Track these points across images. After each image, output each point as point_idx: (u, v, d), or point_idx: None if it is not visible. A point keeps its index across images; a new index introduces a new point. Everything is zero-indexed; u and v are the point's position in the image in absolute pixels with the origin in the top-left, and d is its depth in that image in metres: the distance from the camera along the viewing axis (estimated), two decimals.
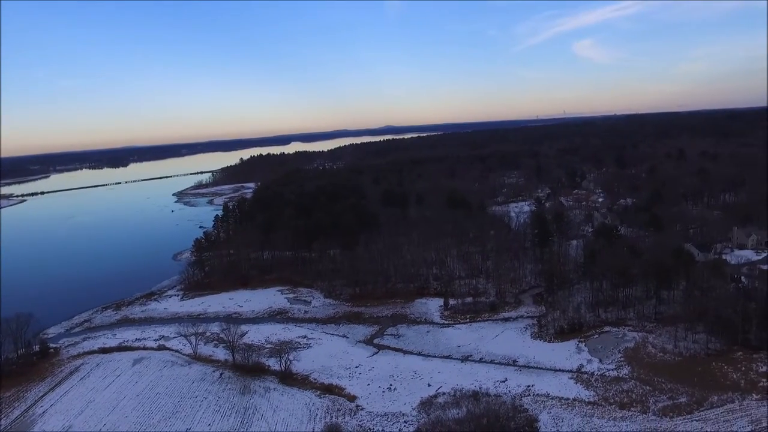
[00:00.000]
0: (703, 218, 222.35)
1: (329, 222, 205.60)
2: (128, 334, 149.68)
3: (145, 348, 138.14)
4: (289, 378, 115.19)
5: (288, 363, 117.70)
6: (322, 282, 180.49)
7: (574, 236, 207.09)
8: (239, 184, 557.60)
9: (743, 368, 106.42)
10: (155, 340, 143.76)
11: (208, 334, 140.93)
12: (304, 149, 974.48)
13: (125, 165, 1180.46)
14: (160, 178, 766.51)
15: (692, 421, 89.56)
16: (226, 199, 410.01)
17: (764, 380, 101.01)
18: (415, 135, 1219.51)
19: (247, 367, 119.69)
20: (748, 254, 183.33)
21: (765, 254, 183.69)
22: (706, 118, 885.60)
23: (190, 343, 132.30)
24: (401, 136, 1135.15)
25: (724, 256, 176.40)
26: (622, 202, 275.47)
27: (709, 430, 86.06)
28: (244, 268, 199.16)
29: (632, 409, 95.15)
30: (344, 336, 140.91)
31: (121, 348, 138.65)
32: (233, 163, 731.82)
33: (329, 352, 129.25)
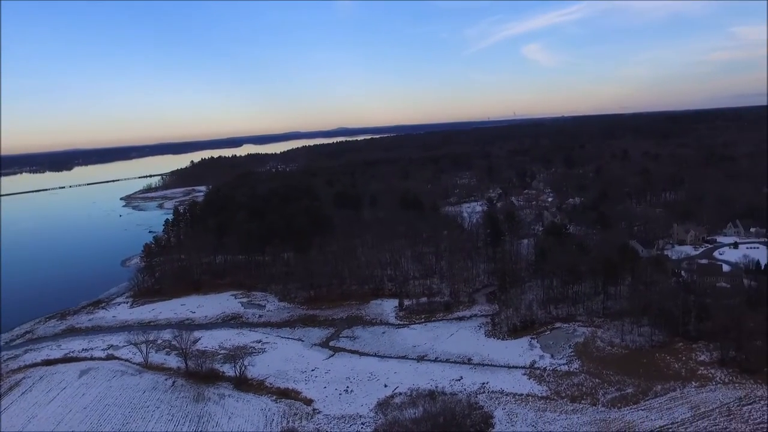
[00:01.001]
0: (646, 216, 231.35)
1: (282, 225, 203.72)
2: (74, 345, 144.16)
3: (92, 358, 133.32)
4: (244, 384, 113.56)
5: (243, 368, 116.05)
6: (276, 285, 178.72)
7: (525, 235, 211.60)
8: (190, 188, 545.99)
9: (684, 358, 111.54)
10: (103, 349, 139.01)
11: (159, 341, 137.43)
12: (257, 151, 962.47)
13: (69, 168, 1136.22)
14: (107, 181, 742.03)
15: (638, 410, 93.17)
16: (177, 203, 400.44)
17: (702, 369, 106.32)
18: (368, 137, 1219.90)
19: (200, 374, 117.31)
20: (687, 249, 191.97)
21: (702, 249, 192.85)
22: (647, 119, 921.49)
23: (141, 352, 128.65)
24: (354, 138, 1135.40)
25: (665, 252, 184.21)
26: (570, 201, 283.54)
27: (653, 417, 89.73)
28: (196, 273, 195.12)
29: (583, 401, 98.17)
30: (300, 339, 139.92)
31: (66, 359, 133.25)
32: (184, 166, 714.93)
33: (285, 356, 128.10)
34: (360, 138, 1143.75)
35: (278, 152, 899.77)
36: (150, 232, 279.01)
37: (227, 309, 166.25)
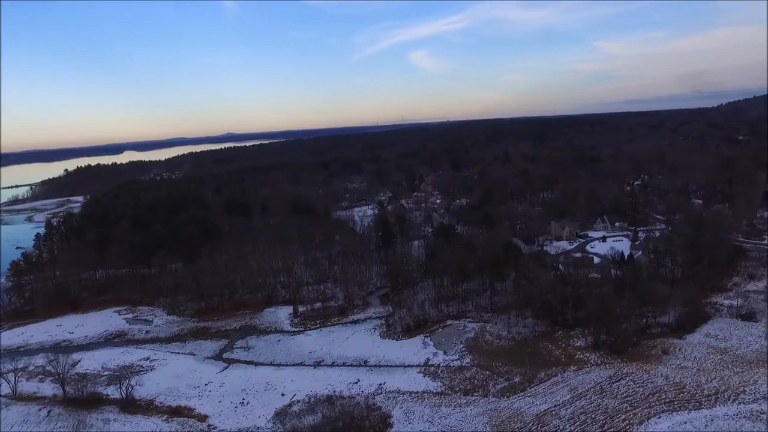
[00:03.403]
0: (526, 214, 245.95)
1: (169, 235, 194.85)
2: None
3: None
4: (131, 405, 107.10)
5: (129, 389, 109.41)
6: (164, 299, 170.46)
7: (415, 237, 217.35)
8: (65, 198, 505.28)
9: (563, 345, 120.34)
10: None
11: (31, 368, 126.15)
12: (139, 159, 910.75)
13: None
14: None
15: (525, 397, 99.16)
16: (50, 215, 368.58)
17: (579, 353, 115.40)
18: (257, 142, 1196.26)
19: (81, 400, 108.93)
20: (564, 244, 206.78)
21: (576, 244, 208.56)
22: (525, 124, 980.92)
23: (8, 382, 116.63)
24: (243, 144, 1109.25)
25: (545, 248, 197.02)
26: (457, 202, 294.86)
27: (538, 402, 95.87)
28: (74, 290, 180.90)
29: (475, 394, 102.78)
30: (191, 353, 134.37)
31: None
32: (57, 175, 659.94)
33: (176, 372, 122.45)
34: (249, 143, 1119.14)
35: (163, 159, 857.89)
36: (18, 248, 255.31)
37: (110, 327, 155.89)
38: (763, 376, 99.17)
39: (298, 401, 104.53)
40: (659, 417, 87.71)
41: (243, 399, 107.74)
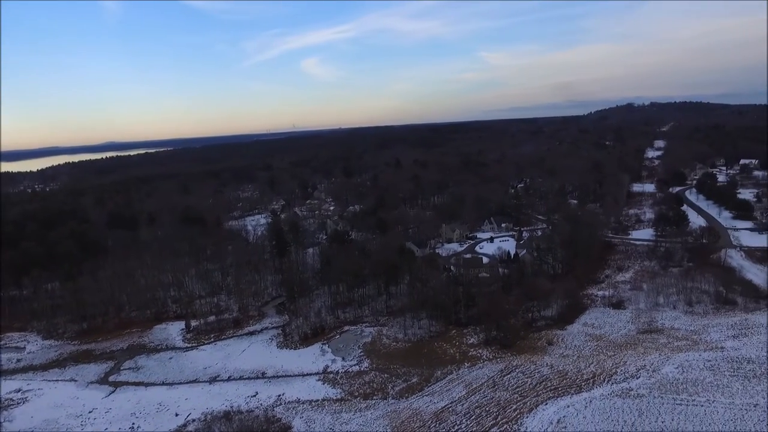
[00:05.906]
0: (418, 218, 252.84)
1: (43, 252, 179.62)
2: None
3: None
4: None
5: None
6: (38, 322, 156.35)
7: (310, 244, 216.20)
8: None
9: (457, 343, 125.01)
10: None
11: None
12: (6, 170, 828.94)
13: None
14: None
15: (423, 396, 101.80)
16: None
17: (472, 350, 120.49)
18: (141, 151, 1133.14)
19: None
20: (454, 246, 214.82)
21: (466, 245, 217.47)
22: (415, 131, 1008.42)
23: None
24: (126, 153, 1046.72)
25: (437, 250, 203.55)
26: (351, 208, 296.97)
27: (436, 401, 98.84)
28: None
29: (375, 397, 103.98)
30: (72, 380, 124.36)
31: None
32: None
33: (54, 402, 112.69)
34: (133, 152, 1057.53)
35: (35, 170, 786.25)
36: None
37: None
38: (631, 357, 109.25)
39: (194, 420, 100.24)
40: (546, 404, 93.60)
41: (133, 424, 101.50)
